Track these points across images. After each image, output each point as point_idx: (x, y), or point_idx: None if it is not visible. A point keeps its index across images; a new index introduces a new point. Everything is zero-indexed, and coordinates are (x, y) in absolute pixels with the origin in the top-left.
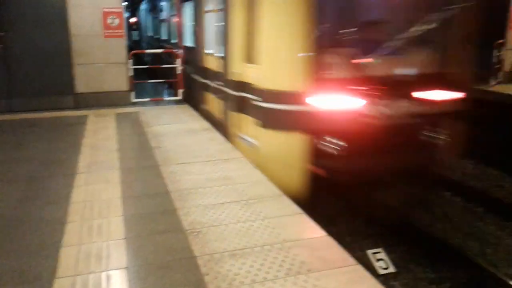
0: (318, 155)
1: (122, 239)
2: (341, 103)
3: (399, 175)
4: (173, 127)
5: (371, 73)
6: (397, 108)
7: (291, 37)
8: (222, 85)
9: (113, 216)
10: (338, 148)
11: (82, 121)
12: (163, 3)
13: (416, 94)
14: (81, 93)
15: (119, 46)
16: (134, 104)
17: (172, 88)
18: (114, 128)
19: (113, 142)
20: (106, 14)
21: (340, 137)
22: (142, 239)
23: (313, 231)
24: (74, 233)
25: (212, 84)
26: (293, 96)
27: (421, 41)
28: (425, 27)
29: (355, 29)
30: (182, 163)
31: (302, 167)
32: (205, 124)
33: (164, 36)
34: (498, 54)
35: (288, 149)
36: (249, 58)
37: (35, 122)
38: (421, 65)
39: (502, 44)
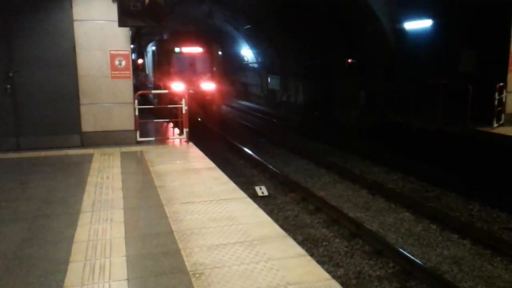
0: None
1: (124, 280)
2: (178, 87)
3: (202, 107)
4: (177, 166)
5: (187, 80)
6: (196, 89)
7: (166, 69)
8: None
9: (116, 256)
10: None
11: (87, 159)
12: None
13: (202, 85)
14: (88, 132)
15: (126, 87)
16: (139, 143)
17: (177, 127)
18: (118, 167)
19: (117, 181)
20: (113, 57)
21: (179, 97)
22: (145, 281)
23: (317, 274)
24: (76, 273)
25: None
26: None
27: (203, 71)
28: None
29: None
30: (186, 203)
31: None
32: (209, 163)
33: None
34: (499, 97)
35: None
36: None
37: (41, 161)
38: (204, 78)
39: (503, 87)
